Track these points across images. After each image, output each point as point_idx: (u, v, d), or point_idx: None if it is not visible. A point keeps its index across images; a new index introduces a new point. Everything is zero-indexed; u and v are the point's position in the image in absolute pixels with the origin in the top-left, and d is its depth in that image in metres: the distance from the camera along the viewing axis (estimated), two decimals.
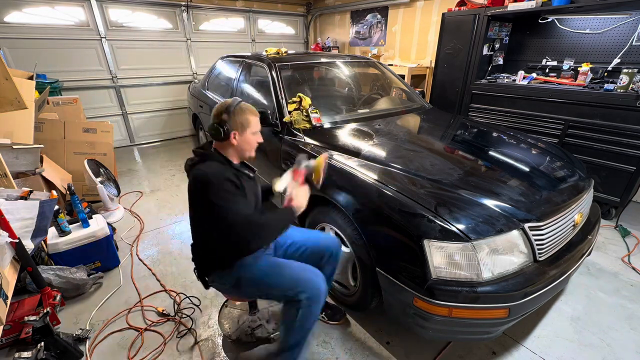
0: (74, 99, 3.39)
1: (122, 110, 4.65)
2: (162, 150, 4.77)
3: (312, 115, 2.07)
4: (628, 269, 2.18)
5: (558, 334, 1.68)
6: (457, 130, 2.33)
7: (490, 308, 1.23)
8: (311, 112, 2.07)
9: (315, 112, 2.10)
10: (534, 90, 2.97)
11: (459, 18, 3.45)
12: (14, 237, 1.37)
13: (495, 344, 1.62)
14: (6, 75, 1.68)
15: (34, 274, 1.56)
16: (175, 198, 3.23)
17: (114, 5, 4.16)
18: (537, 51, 3.37)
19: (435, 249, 1.22)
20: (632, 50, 2.73)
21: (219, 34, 5.18)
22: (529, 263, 1.32)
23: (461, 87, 3.56)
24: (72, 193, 2.11)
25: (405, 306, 1.33)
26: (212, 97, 3.39)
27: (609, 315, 1.81)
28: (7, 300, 1.28)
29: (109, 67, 4.34)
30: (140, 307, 1.86)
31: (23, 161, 2.13)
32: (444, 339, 1.62)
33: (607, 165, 2.62)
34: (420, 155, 1.78)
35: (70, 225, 2.03)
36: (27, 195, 1.57)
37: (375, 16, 5.05)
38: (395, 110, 2.55)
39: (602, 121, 2.58)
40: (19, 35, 3.67)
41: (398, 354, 1.58)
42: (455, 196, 1.39)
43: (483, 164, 1.73)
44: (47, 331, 1.44)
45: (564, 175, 1.71)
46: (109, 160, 3.09)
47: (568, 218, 1.47)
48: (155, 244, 2.48)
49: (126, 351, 1.59)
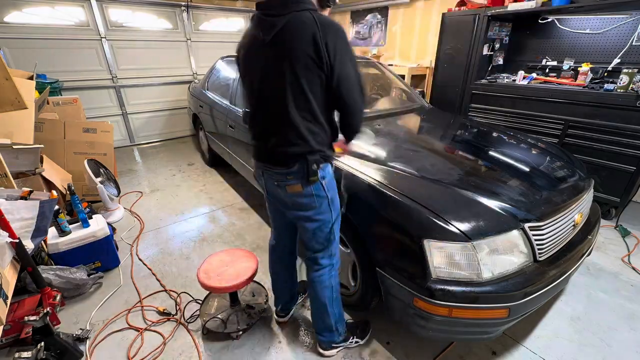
0: (74, 99, 3.39)
1: (122, 110, 4.65)
2: (162, 150, 4.77)
3: None
4: (628, 269, 2.18)
5: (558, 334, 1.68)
6: (457, 130, 2.33)
7: (490, 308, 1.23)
8: None
9: None
10: (534, 90, 2.97)
11: (459, 18, 3.44)
12: (14, 237, 1.37)
13: (495, 344, 1.62)
14: (6, 75, 1.68)
15: (34, 274, 1.56)
16: (176, 198, 3.23)
17: (114, 5, 4.16)
18: (537, 51, 3.37)
19: (435, 249, 1.22)
20: (632, 50, 2.73)
21: (219, 34, 5.18)
22: (529, 263, 1.32)
23: (461, 87, 3.56)
24: (72, 193, 2.11)
25: (405, 306, 1.33)
26: (212, 97, 3.39)
27: (609, 315, 1.81)
28: (7, 300, 1.28)
29: (109, 67, 4.34)
30: (141, 307, 1.87)
31: (23, 161, 2.13)
32: (444, 339, 1.62)
33: (607, 165, 2.62)
34: (420, 155, 1.78)
35: (70, 225, 2.03)
36: (27, 195, 1.57)
37: (375, 16, 5.05)
38: (395, 110, 2.55)
39: (602, 121, 2.58)
40: (19, 35, 3.67)
41: (398, 354, 1.58)
42: (456, 196, 1.39)
43: (483, 164, 1.73)
44: (47, 331, 1.44)
45: (564, 175, 1.71)
46: (109, 160, 3.09)
47: (568, 218, 1.47)
48: (155, 243, 2.48)
49: (126, 351, 1.59)
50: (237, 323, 1.69)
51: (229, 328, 1.66)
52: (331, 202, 1.26)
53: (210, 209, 3.01)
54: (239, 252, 1.77)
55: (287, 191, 1.22)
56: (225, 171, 3.89)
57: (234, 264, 1.66)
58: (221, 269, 1.63)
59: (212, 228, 2.70)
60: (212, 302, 1.83)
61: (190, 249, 2.42)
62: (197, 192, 3.38)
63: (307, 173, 1.15)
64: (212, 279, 1.56)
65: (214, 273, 1.60)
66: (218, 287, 1.54)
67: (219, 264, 1.67)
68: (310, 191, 1.20)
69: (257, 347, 1.62)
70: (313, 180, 1.17)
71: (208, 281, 1.55)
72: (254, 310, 1.77)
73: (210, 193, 3.35)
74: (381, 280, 1.43)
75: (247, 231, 2.65)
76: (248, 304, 1.80)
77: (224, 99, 3.13)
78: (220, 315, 1.73)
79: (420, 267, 1.24)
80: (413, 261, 1.26)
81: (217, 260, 1.69)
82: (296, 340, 1.66)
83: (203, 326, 1.68)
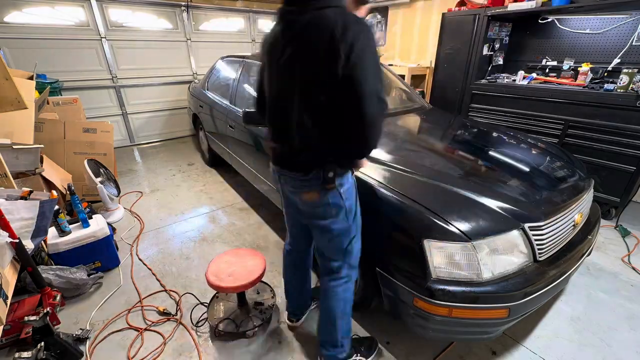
0: (74, 99, 3.39)
1: (122, 110, 4.65)
2: (162, 150, 4.77)
3: None
4: (628, 269, 2.18)
5: (558, 334, 1.68)
6: (457, 130, 2.33)
7: (490, 308, 1.23)
8: None
9: None
10: (534, 90, 2.97)
11: (459, 18, 3.45)
12: (14, 237, 1.37)
13: (495, 344, 1.62)
14: (6, 75, 1.68)
15: (34, 274, 1.56)
16: (176, 198, 3.23)
17: (114, 5, 4.16)
18: (537, 51, 3.37)
19: (435, 248, 1.22)
20: (632, 50, 2.73)
21: (219, 34, 5.18)
22: (529, 263, 1.32)
23: (461, 87, 3.56)
24: (72, 193, 2.11)
25: (405, 306, 1.33)
26: (212, 97, 3.39)
27: (609, 315, 1.81)
28: (7, 300, 1.28)
29: (109, 67, 4.34)
30: (141, 307, 1.87)
31: (23, 161, 2.13)
32: (444, 339, 1.62)
33: (607, 165, 2.62)
34: (420, 155, 1.78)
35: (70, 225, 2.03)
36: (27, 195, 1.57)
37: (375, 16, 5.05)
38: (395, 111, 2.55)
39: (602, 121, 2.58)
40: (19, 35, 3.66)
41: (398, 354, 1.58)
42: (456, 196, 1.39)
43: (483, 164, 1.73)
44: (47, 331, 1.44)
45: (564, 175, 1.71)
46: (109, 160, 3.09)
47: (568, 218, 1.47)
48: (156, 243, 2.48)
49: (126, 351, 1.59)
50: (250, 321, 1.70)
51: (243, 327, 1.67)
52: (349, 212, 1.20)
53: (210, 209, 3.01)
54: (242, 251, 1.78)
55: (302, 198, 1.19)
56: (225, 171, 3.89)
57: (242, 263, 1.67)
58: (230, 269, 1.63)
59: (212, 228, 2.70)
60: (219, 305, 1.83)
61: (191, 249, 2.42)
62: (197, 192, 3.38)
63: (324, 180, 1.10)
64: (224, 280, 1.56)
65: (225, 274, 1.60)
66: (231, 287, 1.54)
67: (226, 264, 1.67)
68: (327, 199, 1.14)
69: (259, 349, 1.63)
70: (330, 188, 1.13)
71: (220, 282, 1.55)
72: (263, 307, 1.79)
73: (210, 193, 3.35)
74: (381, 280, 1.43)
75: (247, 231, 2.65)
76: (255, 301, 1.82)
77: (224, 99, 3.13)
78: (231, 316, 1.74)
79: (420, 267, 1.24)
80: (413, 261, 1.26)
81: (224, 262, 1.69)
82: (298, 344, 1.66)
83: (215, 329, 1.67)
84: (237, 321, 1.70)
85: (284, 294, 1.71)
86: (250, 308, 1.78)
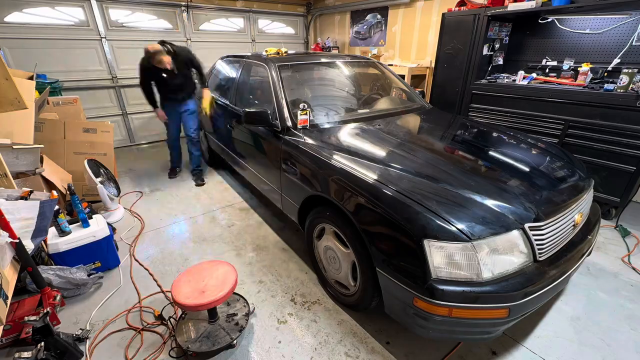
0: (74, 99, 3.39)
1: (122, 110, 4.65)
2: (162, 150, 4.75)
3: (300, 117, 2.08)
4: (628, 269, 2.18)
5: (558, 334, 1.68)
6: (457, 131, 2.33)
7: (490, 308, 1.23)
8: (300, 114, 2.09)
9: (305, 114, 2.10)
10: (534, 90, 2.97)
11: (459, 18, 3.44)
12: (14, 237, 1.37)
13: (495, 344, 1.62)
14: (6, 75, 1.68)
15: (34, 274, 1.56)
16: (176, 198, 3.23)
17: (114, 5, 4.16)
18: (537, 51, 3.37)
19: (435, 248, 1.22)
20: (632, 50, 2.73)
21: (219, 34, 5.18)
22: (529, 263, 1.32)
23: (461, 87, 3.56)
24: (72, 193, 2.11)
25: (405, 306, 1.33)
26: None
27: (609, 315, 1.81)
28: (7, 300, 1.28)
29: (109, 67, 4.34)
30: (139, 307, 1.86)
31: (23, 161, 2.13)
32: (444, 338, 1.62)
33: (607, 165, 2.62)
34: (420, 155, 1.77)
35: (70, 225, 2.03)
36: (27, 195, 1.57)
37: (375, 16, 5.05)
38: (395, 110, 2.55)
39: (602, 121, 2.58)
40: (19, 35, 3.67)
41: (398, 354, 1.58)
42: (456, 196, 1.39)
43: (483, 164, 1.73)
44: (47, 331, 1.44)
45: (564, 175, 1.71)
46: (109, 160, 3.09)
47: (568, 218, 1.47)
48: (156, 243, 2.48)
49: (126, 351, 1.59)
50: (227, 334, 1.59)
51: (221, 342, 1.55)
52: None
53: (210, 209, 3.01)
54: (205, 264, 1.69)
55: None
56: (225, 171, 3.89)
57: (211, 277, 1.59)
58: (200, 284, 1.54)
59: (212, 228, 2.70)
60: (187, 326, 1.65)
61: (190, 249, 2.42)
62: (197, 192, 3.38)
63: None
64: (197, 298, 1.46)
65: (197, 291, 1.50)
66: (205, 303, 1.44)
67: (196, 280, 1.57)
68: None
69: (251, 346, 1.63)
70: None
71: (193, 301, 1.44)
72: (237, 317, 1.69)
73: (210, 193, 3.35)
74: (381, 280, 1.43)
75: (247, 231, 2.65)
76: (227, 313, 1.71)
77: (224, 99, 3.13)
78: (204, 334, 1.60)
79: (420, 267, 1.24)
80: (413, 261, 1.26)
81: (189, 280, 1.58)
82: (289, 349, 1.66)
83: (186, 351, 1.53)
84: (212, 337, 1.58)
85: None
86: (223, 321, 1.67)
